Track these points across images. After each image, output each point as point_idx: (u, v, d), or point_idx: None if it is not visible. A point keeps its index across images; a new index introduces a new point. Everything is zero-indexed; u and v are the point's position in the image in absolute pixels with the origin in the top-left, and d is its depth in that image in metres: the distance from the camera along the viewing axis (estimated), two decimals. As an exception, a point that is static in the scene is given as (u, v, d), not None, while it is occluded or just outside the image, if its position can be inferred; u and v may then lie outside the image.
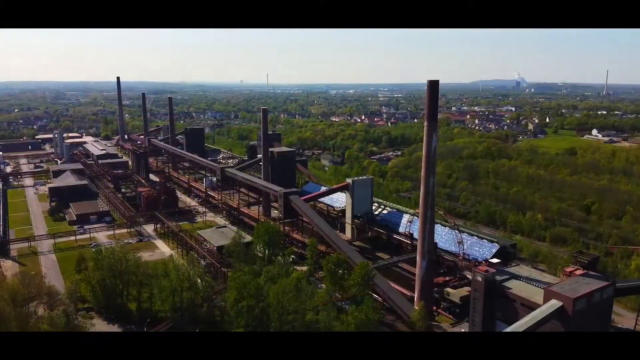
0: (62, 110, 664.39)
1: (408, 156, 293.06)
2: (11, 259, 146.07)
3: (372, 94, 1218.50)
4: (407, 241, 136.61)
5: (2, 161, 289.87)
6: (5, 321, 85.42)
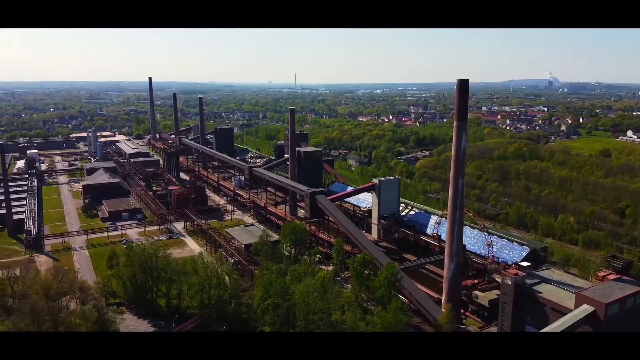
0: (96, 109, 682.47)
1: (436, 156, 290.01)
2: (45, 254, 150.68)
3: (400, 93, 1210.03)
4: (434, 243, 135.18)
5: (37, 159, 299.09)
6: (39, 315, 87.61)
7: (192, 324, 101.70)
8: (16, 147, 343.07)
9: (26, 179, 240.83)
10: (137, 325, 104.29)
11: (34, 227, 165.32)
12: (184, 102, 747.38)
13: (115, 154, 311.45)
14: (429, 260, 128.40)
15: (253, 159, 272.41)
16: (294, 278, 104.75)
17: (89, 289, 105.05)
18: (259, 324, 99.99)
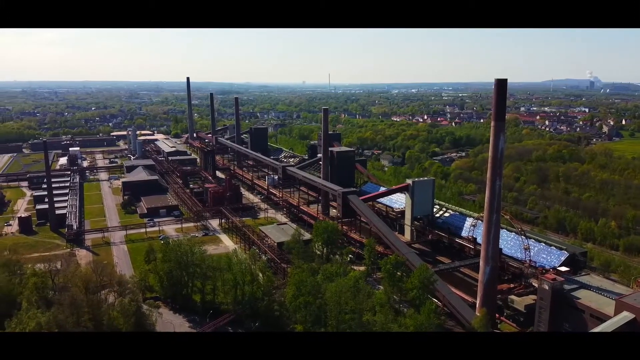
0: (135, 108, 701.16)
1: (473, 157, 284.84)
2: (85, 248, 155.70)
3: (435, 93, 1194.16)
4: (469, 245, 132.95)
5: (79, 156, 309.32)
6: (78, 307, 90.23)
7: (226, 320, 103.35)
8: (59, 145, 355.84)
9: (68, 175, 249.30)
10: (172, 320, 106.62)
11: (75, 222, 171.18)
12: (221, 102, 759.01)
13: (153, 152, 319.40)
14: (464, 263, 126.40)
15: (286, 159, 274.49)
16: (326, 277, 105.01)
17: (126, 283, 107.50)
18: (290, 322, 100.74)
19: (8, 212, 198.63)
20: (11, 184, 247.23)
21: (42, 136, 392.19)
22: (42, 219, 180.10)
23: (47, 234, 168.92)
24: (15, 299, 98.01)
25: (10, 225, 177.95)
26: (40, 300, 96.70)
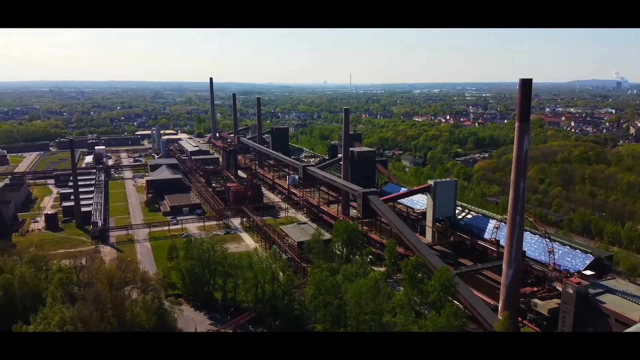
0: (159, 108, 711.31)
1: (496, 159, 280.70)
2: (110, 245, 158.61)
3: (458, 93, 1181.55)
4: (492, 248, 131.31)
5: (105, 154, 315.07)
6: (102, 302, 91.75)
7: (247, 318, 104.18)
8: (85, 143, 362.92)
9: (94, 173, 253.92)
10: (194, 317, 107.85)
11: (100, 219, 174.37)
12: (243, 103, 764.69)
13: (177, 152, 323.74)
14: (486, 266, 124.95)
15: (307, 158, 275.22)
16: (346, 277, 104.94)
17: (149, 280, 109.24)
18: (310, 321, 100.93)
19: (35, 209, 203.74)
20: (38, 182, 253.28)
21: (68, 135, 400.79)
22: (68, 216, 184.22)
23: (72, 231, 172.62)
24: (41, 294, 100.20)
25: (37, 222, 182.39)
26: (65, 295, 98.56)
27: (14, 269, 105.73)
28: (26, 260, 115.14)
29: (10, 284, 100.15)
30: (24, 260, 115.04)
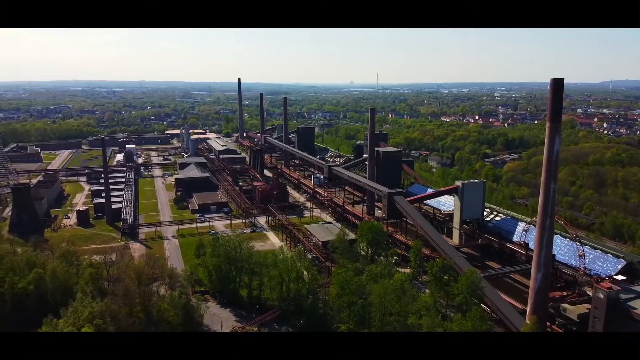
0: (189, 108, 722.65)
1: (526, 160, 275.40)
2: (139, 241, 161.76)
3: (487, 93, 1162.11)
4: (521, 251, 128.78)
5: (135, 153, 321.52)
6: (131, 298, 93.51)
7: (271, 316, 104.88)
8: (116, 142, 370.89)
9: (124, 171, 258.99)
10: (220, 314, 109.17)
11: (130, 216, 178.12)
12: (270, 103, 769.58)
13: (205, 151, 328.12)
14: (515, 269, 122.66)
15: (332, 158, 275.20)
16: (371, 278, 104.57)
17: (177, 276, 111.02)
18: (334, 321, 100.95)
19: (67, 205, 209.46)
20: (70, 179, 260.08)
21: (100, 133, 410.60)
22: (99, 213, 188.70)
23: (103, 227, 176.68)
24: (71, 288, 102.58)
25: (69, 218, 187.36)
26: (95, 290, 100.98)
27: (46, 264, 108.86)
28: (58, 255, 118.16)
29: (42, 278, 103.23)
30: (56, 255, 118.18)
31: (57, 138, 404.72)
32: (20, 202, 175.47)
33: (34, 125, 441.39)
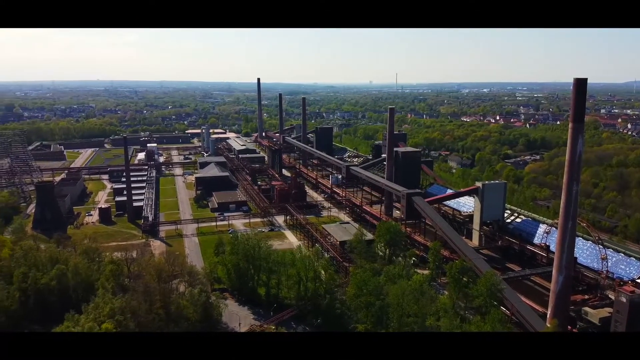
0: (209, 108, 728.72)
1: (548, 161, 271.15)
2: (160, 239, 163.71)
3: (509, 93, 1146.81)
4: (542, 253, 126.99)
5: (156, 152, 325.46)
6: (151, 294, 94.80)
7: (289, 315, 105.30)
8: (138, 141, 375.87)
9: (146, 170, 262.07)
10: (238, 312, 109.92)
11: (151, 214, 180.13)
12: (289, 103, 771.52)
13: (225, 150, 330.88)
14: (535, 272, 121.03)
15: (350, 158, 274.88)
16: (388, 279, 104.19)
17: (196, 274, 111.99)
18: (352, 321, 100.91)
19: (89, 202, 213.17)
20: (93, 177, 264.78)
21: (122, 132, 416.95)
22: (120, 210, 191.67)
23: (124, 225, 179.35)
24: (93, 284, 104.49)
25: (91, 215, 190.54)
26: (116, 286, 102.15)
27: (69, 260, 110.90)
28: (80, 251, 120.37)
29: (64, 274, 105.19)
30: (78, 252, 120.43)
31: (80, 137, 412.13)
32: (44, 199, 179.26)
33: (58, 124, 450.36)
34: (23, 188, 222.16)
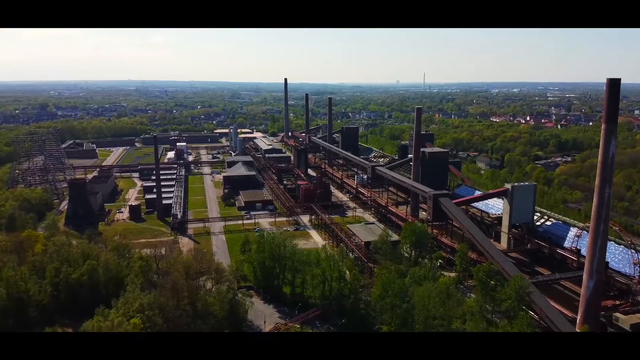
0: (237, 108, 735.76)
1: (580, 163, 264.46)
2: (188, 236, 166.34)
3: (540, 93, 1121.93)
4: (572, 257, 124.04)
5: (185, 151, 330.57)
6: (178, 291, 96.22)
7: (314, 314, 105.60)
8: (167, 140, 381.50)
9: (175, 168, 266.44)
10: (264, 310, 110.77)
11: (180, 211, 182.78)
12: (315, 103, 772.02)
13: (252, 149, 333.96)
14: (565, 276, 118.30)
15: (376, 158, 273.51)
16: (414, 280, 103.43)
17: (223, 271, 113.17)
18: (376, 322, 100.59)
19: (120, 200, 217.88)
20: (124, 175, 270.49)
21: (152, 131, 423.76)
22: (150, 208, 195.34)
23: (154, 222, 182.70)
24: (122, 280, 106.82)
25: (122, 213, 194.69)
26: (145, 282, 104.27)
27: (100, 256, 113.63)
28: (111, 248, 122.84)
29: (95, 270, 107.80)
30: (109, 248, 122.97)
31: (111, 135, 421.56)
32: (76, 196, 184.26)
33: (91, 123, 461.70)
34: (56, 185, 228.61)
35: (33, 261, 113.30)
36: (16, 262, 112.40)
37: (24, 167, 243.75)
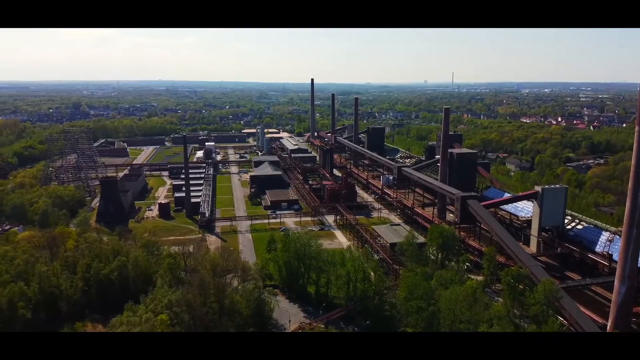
0: (264, 108, 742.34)
1: (613, 165, 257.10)
2: (215, 234, 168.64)
3: (571, 93, 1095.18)
4: (604, 262, 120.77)
5: (214, 150, 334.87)
6: (205, 288, 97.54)
7: (338, 315, 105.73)
8: (196, 139, 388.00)
9: (203, 167, 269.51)
10: (288, 309, 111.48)
11: (208, 210, 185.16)
12: (341, 103, 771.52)
13: (278, 149, 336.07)
14: (596, 281, 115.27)
15: (402, 159, 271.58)
16: (440, 283, 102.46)
17: (249, 270, 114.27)
18: (401, 324, 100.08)
19: (150, 198, 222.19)
20: (154, 173, 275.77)
21: (182, 131, 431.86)
22: (179, 206, 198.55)
23: (182, 220, 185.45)
24: (151, 276, 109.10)
25: (152, 210, 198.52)
26: (173, 279, 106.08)
27: (129, 252, 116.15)
28: (140, 244, 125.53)
29: (125, 266, 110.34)
30: (138, 245, 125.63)
31: (142, 134, 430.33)
32: (108, 193, 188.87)
33: (122, 122, 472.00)
34: (88, 183, 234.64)
35: (65, 257, 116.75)
36: (49, 257, 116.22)
37: (57, 165, 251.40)
